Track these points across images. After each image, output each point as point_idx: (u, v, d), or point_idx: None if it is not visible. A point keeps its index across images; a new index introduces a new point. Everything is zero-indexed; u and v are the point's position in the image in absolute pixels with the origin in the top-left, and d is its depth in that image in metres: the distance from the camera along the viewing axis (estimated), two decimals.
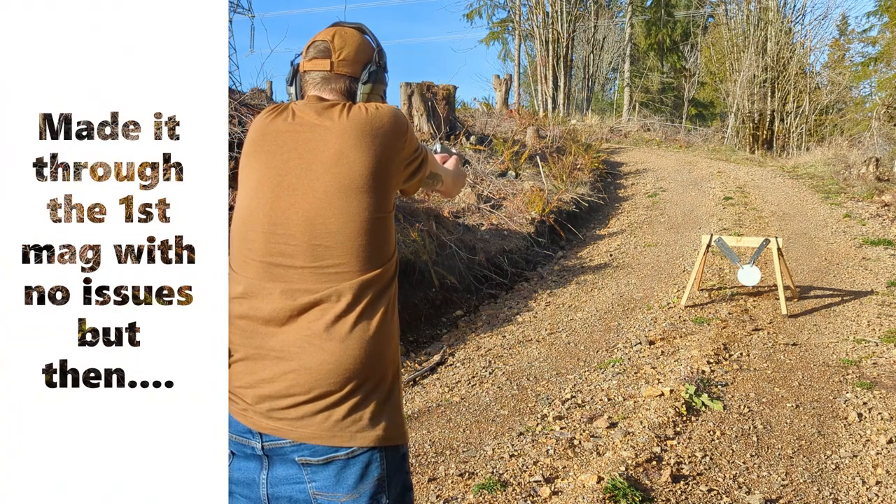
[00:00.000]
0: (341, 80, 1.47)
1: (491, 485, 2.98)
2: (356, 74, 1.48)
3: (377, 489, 1.29)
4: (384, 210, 1.35)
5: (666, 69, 32.73)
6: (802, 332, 5.16)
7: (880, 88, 23.73)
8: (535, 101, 25.20)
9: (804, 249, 7.71)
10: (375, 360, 1.30)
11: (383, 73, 1.52)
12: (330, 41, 1.48)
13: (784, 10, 22.08)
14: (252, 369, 1.30)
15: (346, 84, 1.47)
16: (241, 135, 5.58)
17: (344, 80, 1.47)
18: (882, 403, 3.88)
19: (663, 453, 3.28)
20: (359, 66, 1.48)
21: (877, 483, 3.05)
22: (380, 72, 1.50)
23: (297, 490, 1.30)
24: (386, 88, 1.54)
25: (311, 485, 1.28)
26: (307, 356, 1.27)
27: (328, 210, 1.30)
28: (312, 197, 1.31)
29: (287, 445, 1.28)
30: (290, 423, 1.27)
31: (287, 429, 1.27)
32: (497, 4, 31.38)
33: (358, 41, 1.50)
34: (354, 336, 1.28)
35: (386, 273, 1.34)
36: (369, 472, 1.28)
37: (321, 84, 1.47)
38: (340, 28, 1.51)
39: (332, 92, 1.47)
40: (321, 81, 1.47)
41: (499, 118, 15.49)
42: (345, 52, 1.47)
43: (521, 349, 5.08)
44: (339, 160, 1.32)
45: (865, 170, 11.94)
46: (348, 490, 1.27)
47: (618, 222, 9.93)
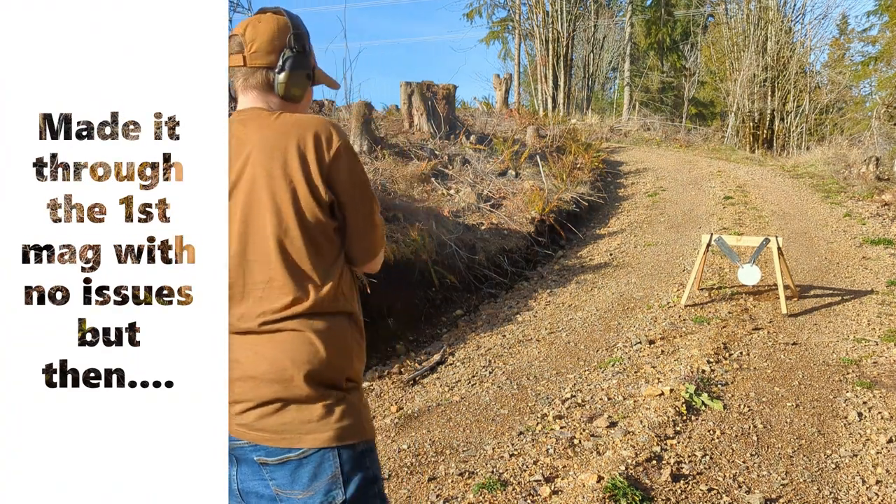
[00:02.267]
0: (258, 74, 1.44)
1: (491, 484, 2.98)
2: (272, 64, 1.44)
3: (331, 486, 1.32)
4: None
5: (666, 68, 32.71)
6: (802, 332, 5.16)
7: (880, 87, 23.73)
8: (535, 100, 25.19)
9: (804, 249, 7.71)
10: (323, 366, 1.33)
11: (303, 56, 1.45)
12: (241, 34, 1.44)
13: (784, 10, 22.07)
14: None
15: (263, 77, 1.44)
16: None
17: (260, 73, 1.44)
18: (882, 403, 3.88)
19: (663, 453, 3.28)
20: (274, 55, 1.43)
21: (877, 482, 3.05)
22: (298, 57, 1.44)
23: (262, 486, 1.35)
24: (310, 72, 1.47)
25: (271, 482, 1.33)
26: (253, 363, 1.32)
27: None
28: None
29: (246, 446, 1.33)
30: (245, 427, 1.32)
31: (242, 431, 1.32)
32: (497, 4, 31.36)
33: (271, 29, 1.44)
34: (294, 343, 1.33)
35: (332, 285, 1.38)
36: (322, 471, 1.32)
37: (241, 80, 1.45)
38: (255, 17, 1.47)
39: (249, 88, 1.45)
40: (240, 77, 1.45)
41: (499, 117, 15.48)
42: (256, 43, 1.43)
43: (521, 348, 5.09)
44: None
45: (865, 169, 11.94)
46: (303, 488, 1.32)
47: (618, 222, 9.93)
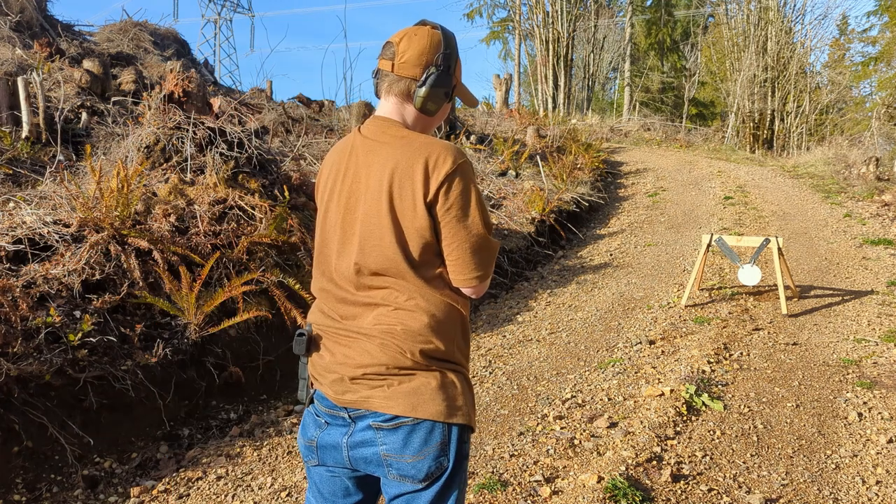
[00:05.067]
0: (402, 83, 1.52)
1: (491, 484, 2.98)
2: (417, 77, 1.50)
3: (439, 453, 1.43)
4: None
5: (666, 69, 32.71)
6: (803, 332, 5.16)
7: (880, 88, 23.73)
8: (536, 100, 25.19)
9: (804, 249, 7.71)
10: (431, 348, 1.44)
11: (445, 75, 1.51)
12: (397, 43, 1.52)
13: (784, 10, 22.08)
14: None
15: (405, 86, 1.52)
16: (240, 134, 5.57)
17: (404, 83, 1.51)
18: (882, 403, 3.87)
19: (663, 453, 3.28)
20: (419, 68, 1.50)
21: (877, 482, 3.04)
22: (441, 75, 1.50)
23: (371, 452, 1.45)
24: (449, 90, 1.54)
25: (382, 447, 1.44)
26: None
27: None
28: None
29: (366, 413, 1.44)
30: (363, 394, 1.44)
31: (360, 399, 1.44)
32: (497, 4, 31.38)
33: (424, 43, 1.50)
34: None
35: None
36: (432, 438, 1.43)
37: (387, 84, 1.53)
38: (414, 28, 1.54)
39: (392, 94, 1.53)
40: (386, 82, 1.53)
41: (499, 117, 15.49)
42: (407, 54, 1.50)
43: (522, 349, 5.08)
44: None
45: (865, 169, 11.93)
46: (414, 452, 1.43)
47: (618, 222, 9.93)
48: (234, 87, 14.75)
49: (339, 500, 1.56)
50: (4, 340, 3.06)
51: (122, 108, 7.52)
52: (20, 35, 9.19)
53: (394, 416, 1.41)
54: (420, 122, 1.55)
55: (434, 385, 1.43)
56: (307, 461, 1.58)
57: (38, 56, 8.20)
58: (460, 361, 1.50)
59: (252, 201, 4.99)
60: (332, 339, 1.50)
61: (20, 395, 3.07)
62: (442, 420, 1.42)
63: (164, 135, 5.33)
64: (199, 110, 6.08)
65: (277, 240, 4.80)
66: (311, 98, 11.70)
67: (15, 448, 3.04)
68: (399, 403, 1.41)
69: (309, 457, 1.56)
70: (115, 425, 3.47)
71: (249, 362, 4.29)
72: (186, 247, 4.30)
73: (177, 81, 6.07)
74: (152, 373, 3.61)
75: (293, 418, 3.88)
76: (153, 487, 3.09)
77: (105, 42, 11.64)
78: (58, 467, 3.14)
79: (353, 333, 1.46)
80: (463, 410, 1.45)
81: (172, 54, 12.64)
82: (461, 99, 1.65)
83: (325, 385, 1.50)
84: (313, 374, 1.55)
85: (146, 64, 10.78)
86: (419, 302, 1.43)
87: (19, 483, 2.99)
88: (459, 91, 1.61)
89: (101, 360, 3.40)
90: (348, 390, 1.45)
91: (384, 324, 1.43)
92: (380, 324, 1.43)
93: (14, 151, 5.36)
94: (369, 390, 1.43)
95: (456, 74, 1.56)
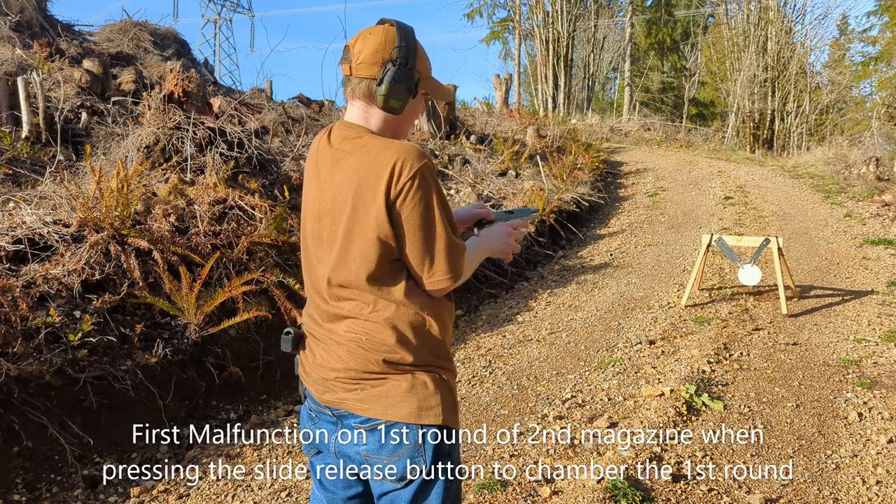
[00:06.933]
0: (362, 84, 1.48)
1: (491, 484, 2.98)
2: (375, 76, 1.46)
3: (414, 454, 1.45)
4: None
5: (666, 69, 32.70)
6: (803, 332, 5.15)
7: (880, 88, 23.73)
8: (536, 100, 25.18)
9: (804, 249, 7.71)
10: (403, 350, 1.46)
11: (404, 69, 1.45)
12: (353, 45, 1.48)
13: (784, 10, 22.07)
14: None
15: (366, 87, 1.48)
16: (240, 134, 5.57)
17: (364, 84, 1.48)
18: (882, 403, 3.87)
19: (663, 453, 3.28)
20: (377, 67, 1.46)
21: (877, 483, 3.04)
22: (400, 70, 1.45)
23: (354, 451, 1.49)
24: (412, 85, 1.48)
25: (362, 447, 1.48)
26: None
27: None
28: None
29: (347, 413, 1.48)
30: (340, 396, 1.48)
31: (338, 400, 1.49)
32: (497, 4, 31.37)
33: (378, 41, 1.46)
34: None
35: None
36: (406, 439, 1.45)
37: (349, 89, 1.51)
38: (369, 28, 1.50)
39: (355, 97, 1.50)
40: (349, 86, 1.50)
41: (499, 117, 15.48)
42: (363, 54, 1.46)
43: (522, 349, 5.08)
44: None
45: (866, 169, 11.93)
46: (389, 453, 1.45)
47: (618, 222, 9.93)
48: (234, 87, 14.76)
49: (339, 491, 1.59)
50: (4, 340, 3.06)
51: (122, 108, 7.52)
52: (20, 35, 9.20)
53: (368, 417, 1.45)
54: (390, 124, 1.52)
55: (404, 387, 1.44)
56: (307, 453, 1.62)
57: (37, 56, 8.20)
58: (434, 363, 1.49)
59: (252, 201, 4.99)
60: (314, 341, 1.55)
61: (20, 395, 3.07)
62: (412, 422, 1.44)
63: (164, 135, 5.33)
64: (199, 110, 6.08)
65: (277, 240, 4.80)
66: (311, 98, 11.71)
67: (15, 448, 3.04)
68: (371, 406, 1.45)
69: (308, 448, 1.61)
70: (115, 425, 3.47)
71: (249, 362, 4.29)
72: (186, 247, 4.30)
73: (177, 81, 6.07)
74: (152, 373, 3.61)
75: (293, 418, 3.88)
76: (153, 487, 3.09)
77: (105, 42, 11.65)
78: (58, 467, 3.14)
79: (328, 339, 1.50)
80: (436, 411, 1.45)
81: (172, 54, 12.65)
82: (432, 93, 1.58)
83: (310, 384, 1.55)
84: (301, 372, 1.60)
85: (146, 64, 10.78)
86: (384, 313, 1.44)
87: (19, 483, 2.99)
88: (427, 85, 1.54)
89: (101, 360, 3.40)
90: (328, 390, 1.50)
91: (353, 332, 1.46)
92: (349, 331, 1.47)
93: (14, 151, 5.36)
94: (345, 392, 1.47)
95: (418, 68, 1.50)
